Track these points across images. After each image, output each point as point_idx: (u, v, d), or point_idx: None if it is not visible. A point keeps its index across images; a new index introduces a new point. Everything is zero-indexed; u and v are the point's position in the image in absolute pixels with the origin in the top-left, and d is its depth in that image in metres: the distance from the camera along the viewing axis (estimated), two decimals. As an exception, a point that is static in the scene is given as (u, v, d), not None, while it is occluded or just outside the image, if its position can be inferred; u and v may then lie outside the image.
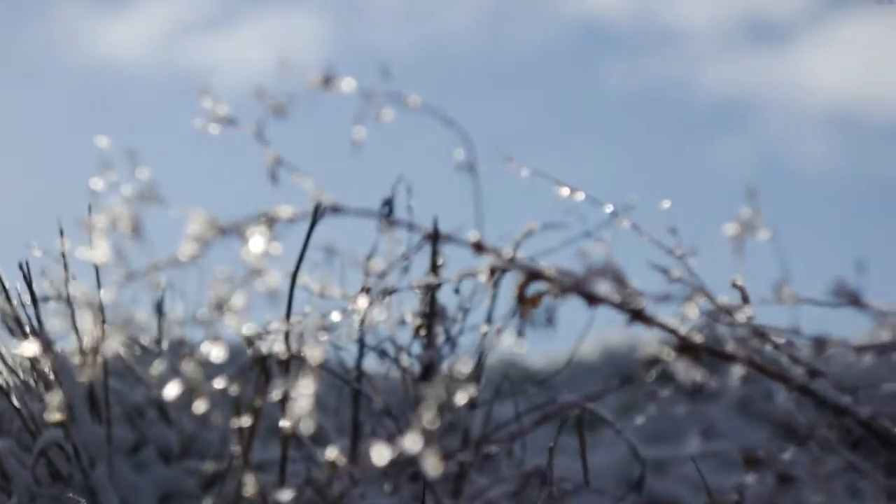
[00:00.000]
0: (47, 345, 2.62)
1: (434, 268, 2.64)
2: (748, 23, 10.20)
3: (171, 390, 1.77)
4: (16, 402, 2.65)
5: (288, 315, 2.49)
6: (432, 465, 1.60)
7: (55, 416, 2.48)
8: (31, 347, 2.58)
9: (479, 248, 1.87)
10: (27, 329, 2.67)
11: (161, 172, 1.84)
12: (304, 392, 1.69)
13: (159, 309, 2.82)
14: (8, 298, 2.69)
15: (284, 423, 2.16)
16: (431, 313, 2.67)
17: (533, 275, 1.78)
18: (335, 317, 2.57)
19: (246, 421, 2.40)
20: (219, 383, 1.96)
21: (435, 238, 2.53)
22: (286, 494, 1.97)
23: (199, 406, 1.76)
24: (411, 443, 1.61)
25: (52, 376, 2.63)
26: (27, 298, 2.69)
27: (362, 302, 2.34)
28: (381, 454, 1.67)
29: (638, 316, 1.84)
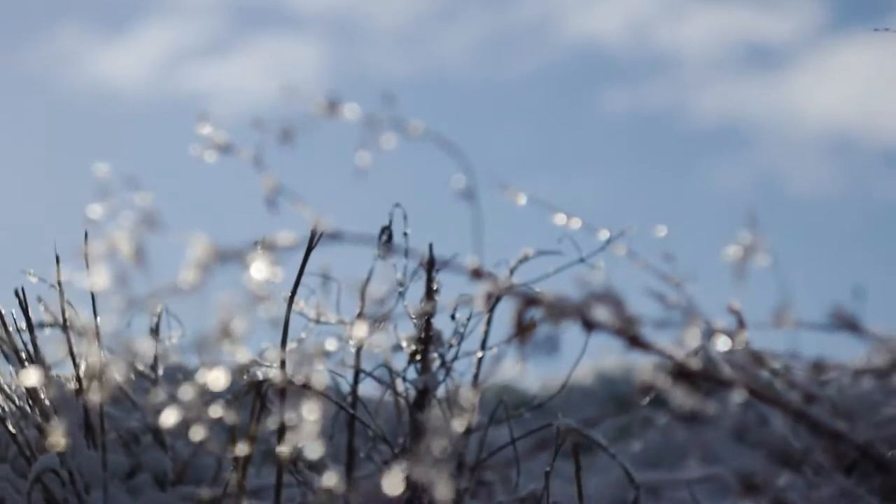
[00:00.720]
0: (44, 371, 2.62)
1: (430, 293, 2.65)
2: (745, 48, 10.24)
3: (169, 418, 1.77)
4: (11, 428, 2.65)
5: (284, 341, 2.49)
6: (442, 493, 1.60)
7: (56, 444, 2.48)
8: (27, 375, 2.58)
9: (475, 274, 1.87)
10: (23, 355, 2.67)
11: (160, 198, 1.85)
12: (306, 419, 1.69)
13: (155, 333, 2.82)
14: (4, 324, 2.69)
15: (280, 450, 2.16)
16: (427, 339, 2.67)
17: (529, 301, 1.78)
18: (331, 342, 2.58)
19: (242, 447, 2.40)
20: (215, 410, 1.96)
21: (431, 264, 2.54)
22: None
23: (196, 433, 1.76)
24: (418, 472, 1.61)
25: (48, 402, 2.63)
26: (23, 324, 2.69)
27: (358, 328, 2.34)
28: (394, 485, 1.67)
29: (635, 342, 1.84)
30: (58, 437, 2.48)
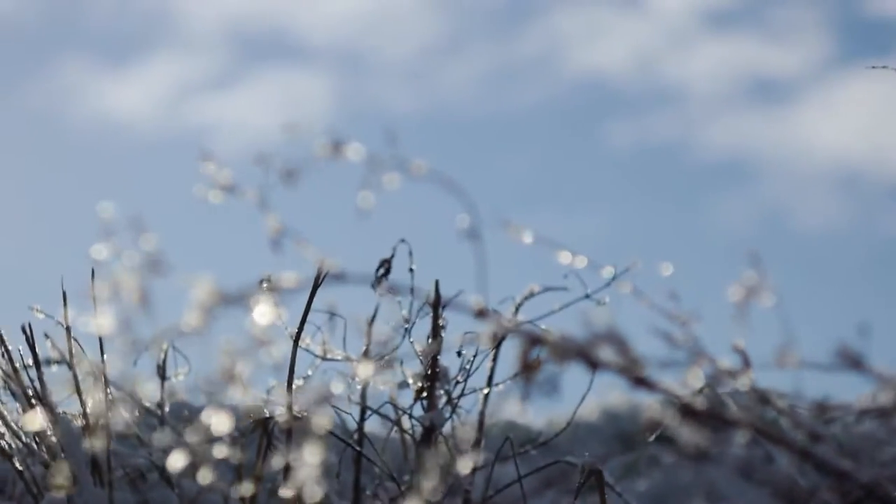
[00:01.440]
0: (50, 408, 2.62)
1: (436, 331, 2.65)
2: (751, 82, 10.25)
3: (176, 459, 1.77)
4: (18, 466, 2.65)
5: (290, 379, 2.50)
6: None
7: (62, 482, 2.48)
8: (34, 414, 2.58)
9: (480, 313, 1.88)
10: (30, 392, 2.67)
11: (165, 235, 1.85)
12: (309, 459, 1.70)
13: (162, 371, 2.83)
14: (11, 361, 2.69)
15: (285, 490, 2.16)
16: (433, 376, 2.67)
17: (534, 340, 1.79)
18: (337, 380, 2.58)
19: (248, 486, 2.40)
20: (221, 449, 1.96)
21: (436, 302, 2.54)
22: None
23: (204, 475, 1.76)
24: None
25: (54, 440, 2.63)
26: (30, 361, 2.69)
27: (364, 365, 2.35)
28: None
29: (640, 381, 1.84)
30: (64, 475, 2.49)
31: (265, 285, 1.74)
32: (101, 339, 2.61)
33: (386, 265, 2.60)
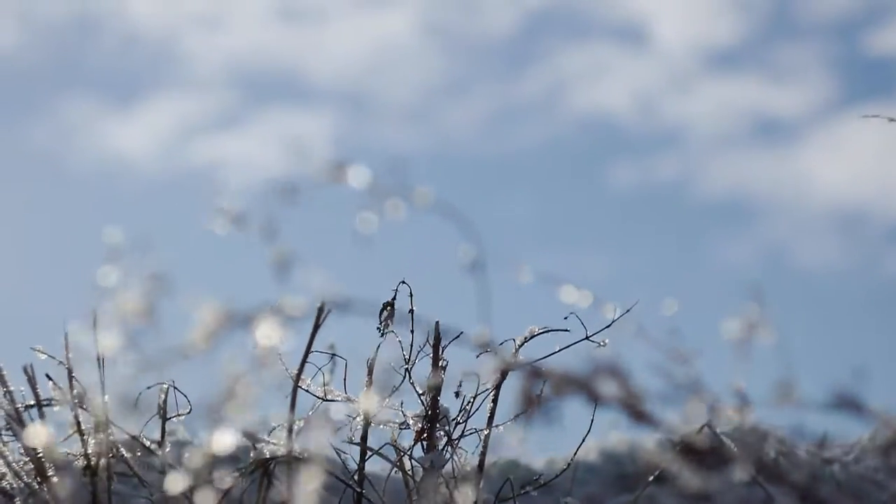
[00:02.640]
0: (51, 448, 2.63)
1: (437, 369, 2.66)
2: (754, 122, 10.29)
3: (175, 485, 1.78)
4: (19, 505, 2.65)
5: (291, 419, 2.50)
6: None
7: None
8: (35, 451, 2.59)
9: (483, 350, 1.89)
10: (31, 431, 2.68)
11: (170, 268, 1.86)
12: (309, 500, 1.70)
13: (163, 414, 2.83)
14: (13, 401, 2.70)
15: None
16: (433, 416, 2.68)
17: (536, 374, 1.80)
18: (338, 419, 2.59)
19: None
20: (221, 483, 1.97)
21: (437, 342, 2.55)
22: None
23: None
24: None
25: (56, 479, 2.63)
26: (32, 401, 2.70)
27: (365, 406, 2.35)
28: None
29: (640, 416, 1.85)
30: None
31: (271, 310, 1.75)
32: (102, 378, 2.61)
33: (389, 308, 2.61)
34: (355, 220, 1.91)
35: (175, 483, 1.79)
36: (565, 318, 2.63)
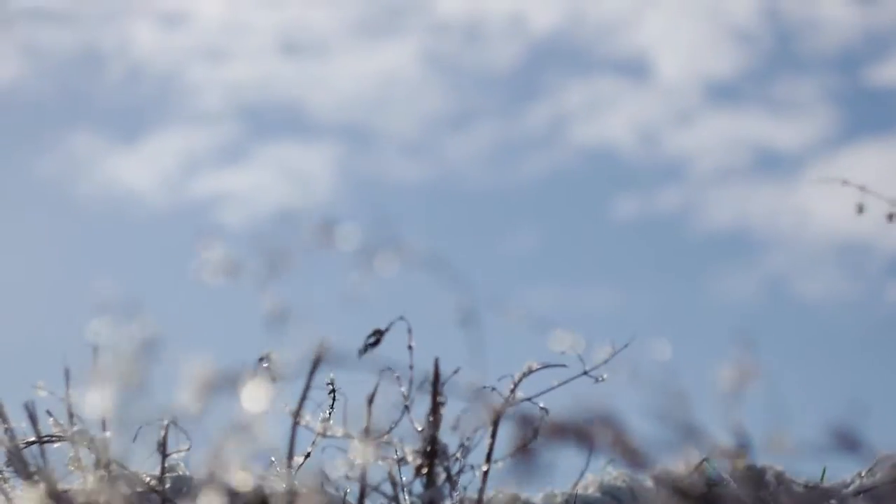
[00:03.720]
0: (52, 486, 2.63)
1: (435, 408, 2.67)
2: (755, 155, 10.31)
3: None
4: (19, 542, 2.66)
5: (290, 457, 2.51)
6: None
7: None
8: (36, 490, 2.60)
9: (478, 393, 1.90)
10: (32, 469, 2.68)
11: (165, 311, 1.88)
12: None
13: (163, 450, 2.84)
14: (13, 438, 2.71)
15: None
16: (432, 453, 2.69)
17: (530, 421, 1.81)
18: (337, 458, 2.59)
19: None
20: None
21: (436, 380, 2.56)
22: None
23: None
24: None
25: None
26: (32, 438, 2.71)
27: (364, 443, 2.36)
28: None
29: (636, 461, 1.86)
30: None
31: (263, 366, 1.77)
32: (102, 413, 2.62)
33: (377, 335, 2.62)
34: (346, 281, 1.92)
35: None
36: (562, 352, 2.64)
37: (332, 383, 2.85)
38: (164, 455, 2.86)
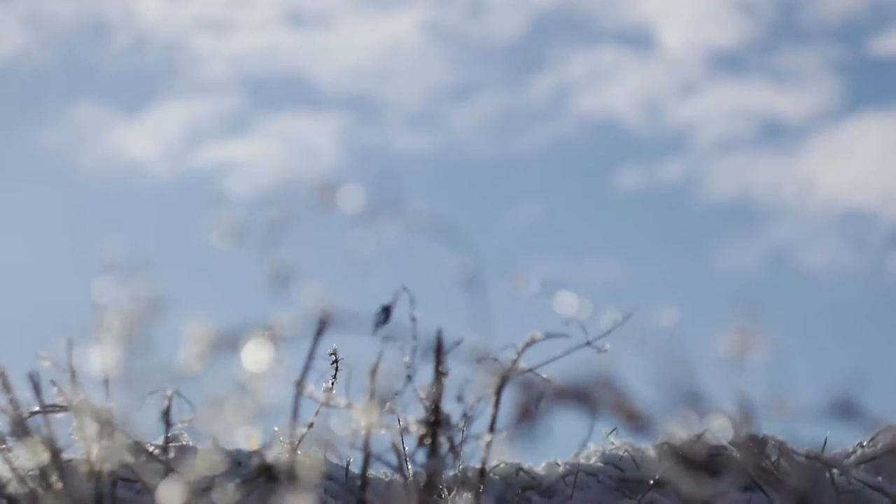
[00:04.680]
0: (55, 454, 2.64)
1: (438, 377, 2.67)
2: (758, 126, 10.30)
3: (172, 496, 1.79)
4: (23, 511, 2.67)
5: (293, 424, 2.51)
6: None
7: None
8: (39, 457, 2.60)
9: (482, 361, 1.90)
10: (35, 438, 2.69)
11: (170, 276, 1.88)
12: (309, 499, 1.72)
13: (167, 419, 2.85)
14: (17, 407, 2.71)
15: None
16: (436, 422, 2.69)
17: (532, 385, 1.81)
18: (341, 426, 2.60)
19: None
20: (224, 492, 1.98)
21: (439, 349, 2.57)
22: None
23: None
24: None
25: (59, 485, 2.64)
26: (35, 406, 2.72)
27: (368, 411, 2.37)
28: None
29: (638, 426, 1.87)
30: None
31: (266, 330, 1.77)
32: (106, 379, 2.63)
33: (386, 310, 2.62)
34: (349, 241, 1.92)
35: (174, 491, 1.81)
36: (566, 323, 2.64)
37: (335, 353, 2.85)
38: (168, 425, 2.86)
